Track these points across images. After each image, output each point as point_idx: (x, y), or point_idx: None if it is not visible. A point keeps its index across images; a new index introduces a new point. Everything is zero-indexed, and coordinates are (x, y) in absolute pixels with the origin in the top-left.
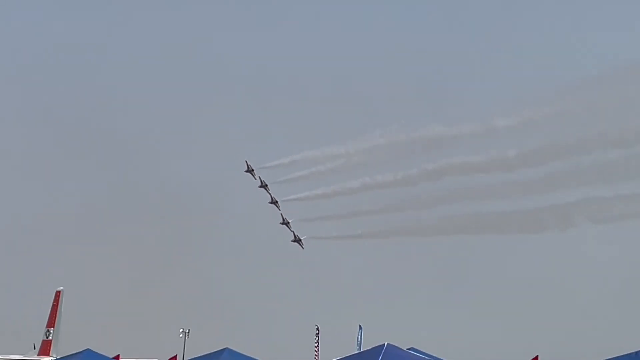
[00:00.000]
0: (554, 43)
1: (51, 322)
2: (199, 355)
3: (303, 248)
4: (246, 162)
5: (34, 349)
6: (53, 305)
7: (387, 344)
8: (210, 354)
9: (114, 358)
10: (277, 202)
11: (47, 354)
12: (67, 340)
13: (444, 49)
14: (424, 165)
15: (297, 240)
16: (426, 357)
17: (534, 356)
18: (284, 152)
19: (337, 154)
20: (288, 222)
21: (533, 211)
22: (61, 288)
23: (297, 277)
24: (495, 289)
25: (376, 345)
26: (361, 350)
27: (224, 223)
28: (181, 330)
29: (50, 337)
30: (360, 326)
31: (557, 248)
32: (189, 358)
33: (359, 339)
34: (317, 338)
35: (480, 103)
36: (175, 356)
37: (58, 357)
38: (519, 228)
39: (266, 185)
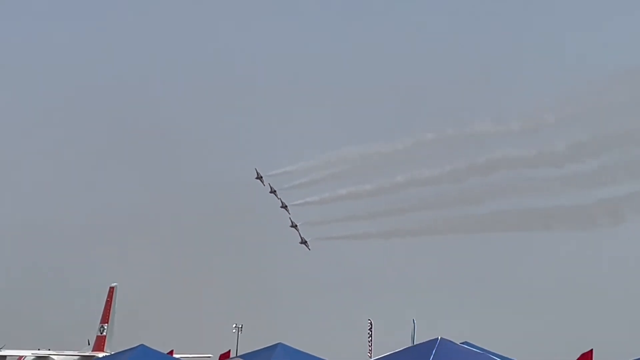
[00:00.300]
0: (599, 34)
1: (105, 318)
2: (252, 350)
3: (310, 249)
4: (255, 169)
5: (89, 345)
6: (107, 301)
7: (441, 338)
8: (263, 349)
9: (167, 353)
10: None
11: (101, 350)
12: (121, 336)
13: (489, 43)
14: (471, 160)
15: (303, 242)
16: (480, 351)
17: (588, 350)
18: (330, 146)
19: (382, 150)
20: (296, 225)
21: (583, 207)
22: (115, 284)
23: (350, 272)
24: (547, 283)
25: (429, 339)
26: (414, 344)
27: None
28: (234, 325)
29: (104, 333)
30: (413, 320)
31: (609, 243)
32: (242, 353)
33: (413, 333)
34: (370, 332)
35: (527, 97)
36: (229, 351)
37: (112, 352)
38: (569, 224)
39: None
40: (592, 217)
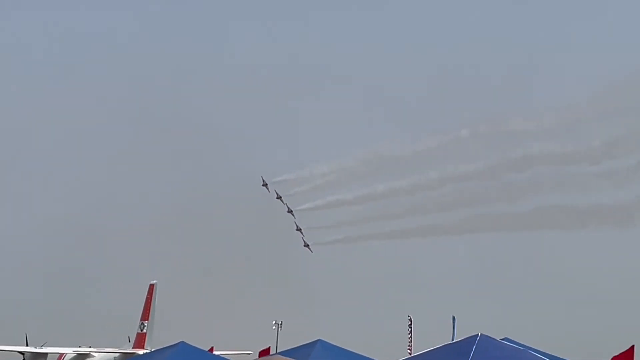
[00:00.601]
0: (637, 27)
1: (145, 316)
2: (292, 347)
3: (312, 252)
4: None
5: (129, 342)
6: (147, 298)
7: (481, 334)
8: (303, 345)
9: (208, 350)
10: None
11: (142, 347)
12: (161, 334)
13: (523, 36)
14: (506, 157)
15: (306, 245)
16: (520, 347)
17: (629, 346)
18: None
19: (417, 147)
20: (301, 229)
21: (620, 204)
22: (155, 281)
23: (390, 269)
24: (587, 280)
25: (469, 335)
26: (455, 340)
27: None
28: (274, 322)
29: (144, 330)
30: (453, 317)
31: None
32: (282, 350)
33: (453, 330)
34: (410, 329)
35: (563, 94)
36: (269, 348)
37: (152, 349)
38: (606, 221)
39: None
40: (630, 214)
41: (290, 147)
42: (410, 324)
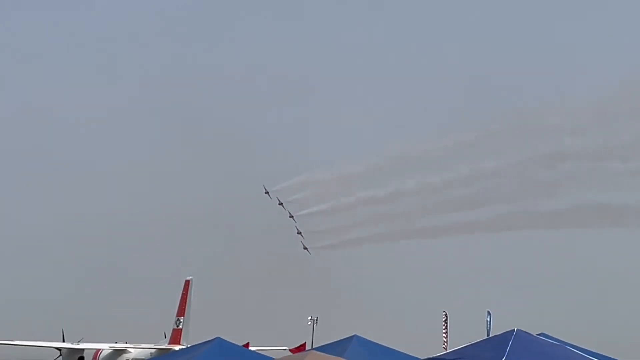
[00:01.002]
0: None
1: (181, 311)
2: (328, 342)
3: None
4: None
5: (165, 337)
6: (183, 294)
7: (517, 329)
8: (339, 341)
9: (243, 346)
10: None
11: (178, 343)
12: (197, 329)
13: (556, 31)
14: (537, 153)
15: (305, 248)
16: (557, 343)
17: None
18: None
19: (448, 142)
20: (300, 232)
21: None
22: (191, 277)
23: (425, 264)
24: (622, 277)
25: (505, 331)
26: (490, 335)
27: None
28: (310, 317)
29: (180, 326)
30: (488, 312)
31: None
32: (318, 345)
33: (488, 325)
34: (445, 324)
35: (595, 87)
36: (304, 343)
37: (188, 345)
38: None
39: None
40: None
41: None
42: (446, 320)
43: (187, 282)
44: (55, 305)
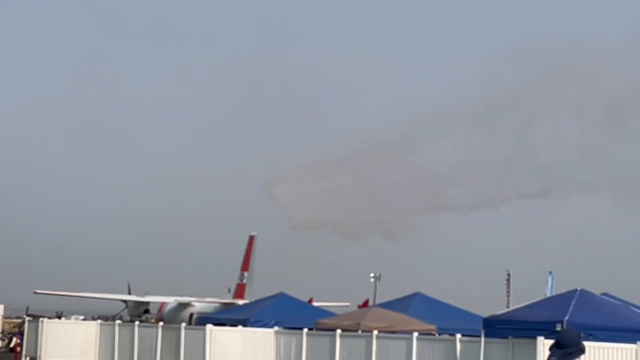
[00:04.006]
0: None
1: (245, 266)
2: (391, 299)
3: None
4: None
5: (229, 292)
6: (247, 249)
7: (581, 289)
8: (402, 297)
9: (307, 302)
10: None
11: (242, 297)
12: (261, 285)
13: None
14: None
15: None
16: (620, 303)
17: None
18: None
19: None
20: None
21: None
22: (255, 233)
23: (487, 224)
24: None
25: (567, 290)
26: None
27: None
28: (372, 274)
29: (244, 281)
30: (550, 272)
31: None
32: (381, 302)
33: (550, 285)
34: (507, 283)
35: None
36: (367, 300)
37: (252, 300)
38: None
39: None
40: None
41: None
42: (508, 279)
43: (252, 238)
44: (121, 258)
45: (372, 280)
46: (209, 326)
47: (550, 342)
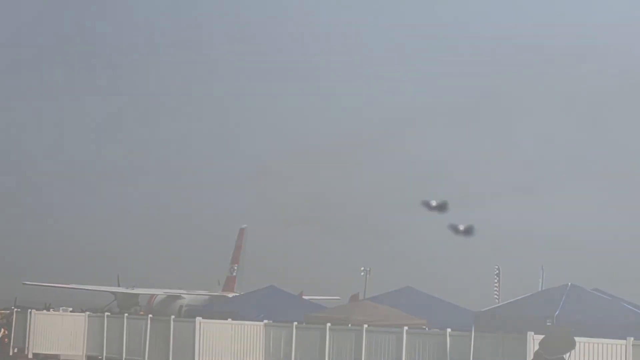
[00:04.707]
0: None
1: (235, 259)
2: (381, 293)
3: None
4: None
5: (219, 285)
6: (237, 242)
7: (571, 284)
8: (391, 291)
9: (298, 295)
10: None
11: (231, 290)
12: (251, 277)
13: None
14: None
15: None
16: (610, 298)
17: None
18: None
19: None
20: None
21: None
22: (245, 225)
23: (479, 219)
24: None
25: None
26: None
27: None
28: (362, 268)
29: (234, 274)
30: (542, 267)
31: None
32: (370, 296)
33: (541, 280)
34: (497, 278)
35: None
36: (357, 293)
37: (242, 293)
38: None
39: None
40: None
41: None
42: (498, 273)
43: (242, 230)
44: (110, 250)
45: (362, 274)
46: (199, 319)
47: (540, 337)
